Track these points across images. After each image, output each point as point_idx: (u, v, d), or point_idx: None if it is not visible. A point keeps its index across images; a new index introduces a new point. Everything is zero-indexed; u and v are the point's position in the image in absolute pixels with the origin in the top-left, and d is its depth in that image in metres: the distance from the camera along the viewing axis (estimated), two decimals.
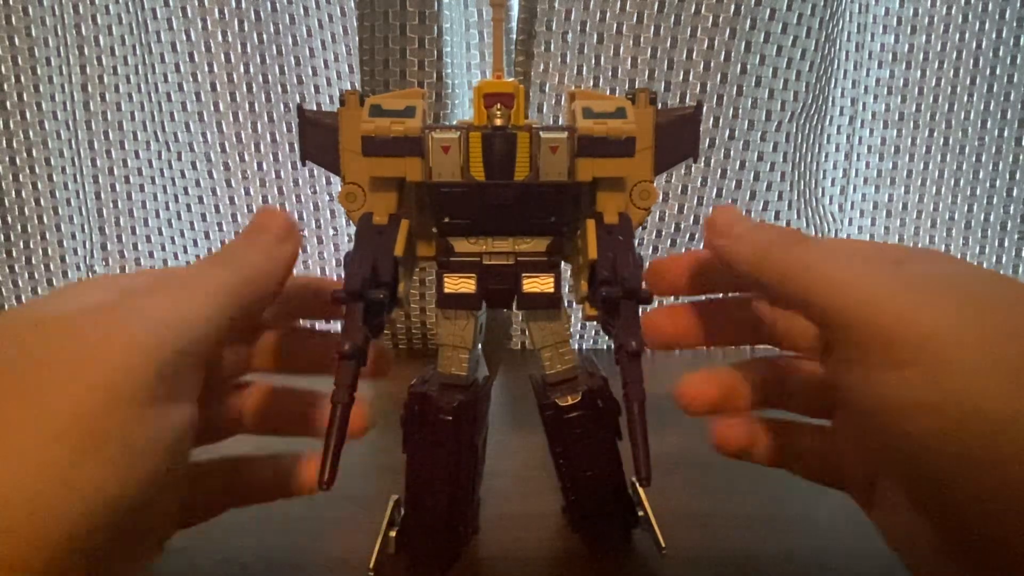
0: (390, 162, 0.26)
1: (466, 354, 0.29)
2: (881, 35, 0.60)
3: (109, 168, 0.61)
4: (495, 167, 0.27)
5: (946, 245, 0.63)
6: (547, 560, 0.32)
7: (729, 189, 0.56)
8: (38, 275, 0.62)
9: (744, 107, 0.54)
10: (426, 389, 0.29)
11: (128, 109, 0.60)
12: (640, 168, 0.28)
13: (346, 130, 0.27)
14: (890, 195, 0.63)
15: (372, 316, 0.24)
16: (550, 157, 0.26)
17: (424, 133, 0.26)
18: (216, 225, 0.59)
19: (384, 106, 0.27)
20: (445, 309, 0.29)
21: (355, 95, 0.27)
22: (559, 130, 0.27)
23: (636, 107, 0.27)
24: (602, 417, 0.30)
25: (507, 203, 0.27)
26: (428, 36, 0.52)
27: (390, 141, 0.26)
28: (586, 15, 0.53)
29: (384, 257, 0.26)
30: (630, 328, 0.23)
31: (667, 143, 0.28)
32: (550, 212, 0.28)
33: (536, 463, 0.38)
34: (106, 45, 0.59)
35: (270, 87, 0.56)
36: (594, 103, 0.27)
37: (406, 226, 0.27)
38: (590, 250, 0.26)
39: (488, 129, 0.27)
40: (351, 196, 0.28)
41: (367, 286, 0.24)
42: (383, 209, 0.28)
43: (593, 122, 0.26)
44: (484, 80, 0.27)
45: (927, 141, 0.61)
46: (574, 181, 0.27)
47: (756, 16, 0.52)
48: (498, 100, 0.27)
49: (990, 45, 0.59)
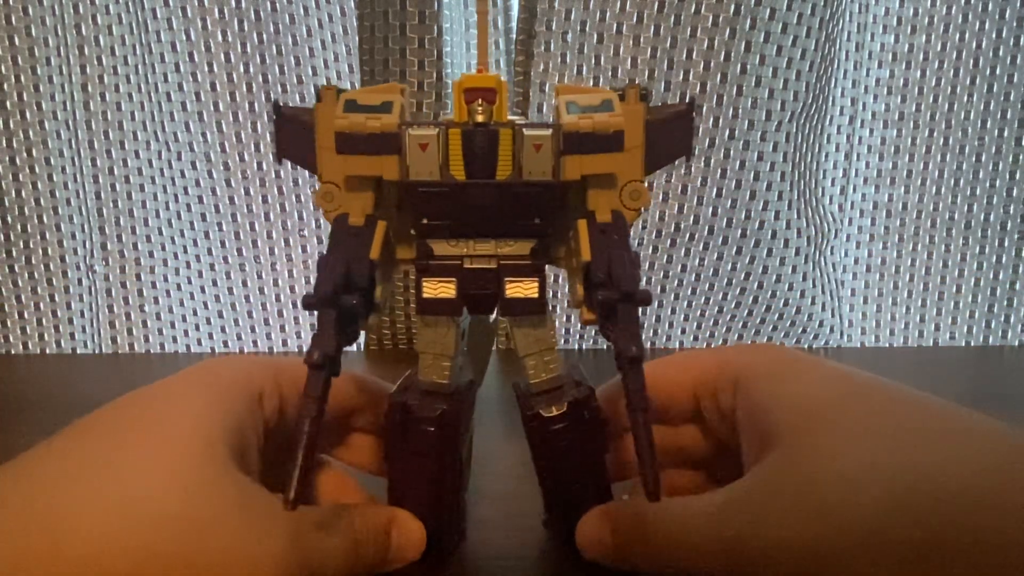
0: (365, 160, 0.25)
1: (448, 362, 0.28)
2: (881, 35, 0.60)
3: (109, 168, 0.61)
4: (476, 166, 0.25)
5: (946, 245, 0.63)
6: (536, 566, 0.31)
7: (729, 189, 0.56)
8: (38, 275, 0.62)
9: (744, 107, 0.54)
10: (407, 398, 0.28)
11: (128, 109, 0.60)
12: (630, 167, 0.27)
13: (322, 127, 0.26)
14: (890, 195, 0.63)
15: (346, 323, 0.23)
16: (533, 155, 0.25)
17: (401, 129, 0.25)
18: (216, 225, 0.59)
19: (360, 101, 0.26)
20: (424, 315, 0.28)
21: (332, 90, 0.26)
22: (543, 127, 0.25)
23: (626, 104, 0.26)
24: (588, 429, 0.29)
25: (489, 203, 0.26)
26: (428, 36, 0.52)
27: (365, 138, 0.25)
28: (586, 15, 0.53)
29: (359, 260, 0.24)
30: (629, 333, 0.22)
31: (659, 141, 0.27)
32: (534, 213, 0.26)
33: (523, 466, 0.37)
34: (106, 45, 0.59)
35: (270, 87, 0.56)
36: (579, 97, 0.26)
37: (383, 228, 0.26)
38: (583, 252, 0.25)
39: (469, 126, 0.25)
40: (328, 196, 0.27)
41: (340, 291, 0.23)
42: (359, 210, 0.26)
43: (578, 117, 0.25)
44: (465, 74, 0.26)
45: (927, 141, 0.61)
46: (559, 180, 0.26)
47: (756, 16, 0.52)
48: (479, 95, 0.25)
49: (990, 45, 0.59)
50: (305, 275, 0.61)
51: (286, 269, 0.61)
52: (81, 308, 0.63)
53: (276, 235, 0.60)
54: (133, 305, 0.64)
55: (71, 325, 0.63)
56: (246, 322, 0.62)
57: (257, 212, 0.59)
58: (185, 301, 0.63)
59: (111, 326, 0.64)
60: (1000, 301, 0.64)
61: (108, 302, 0.64)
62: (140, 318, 0.64)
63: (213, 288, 0.62)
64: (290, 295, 0.61)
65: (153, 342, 0.65)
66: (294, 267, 0.61)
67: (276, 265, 0.61)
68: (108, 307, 0.64)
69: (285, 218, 0.59)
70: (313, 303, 0.23)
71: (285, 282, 0.61)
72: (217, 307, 0.62)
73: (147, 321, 0.64)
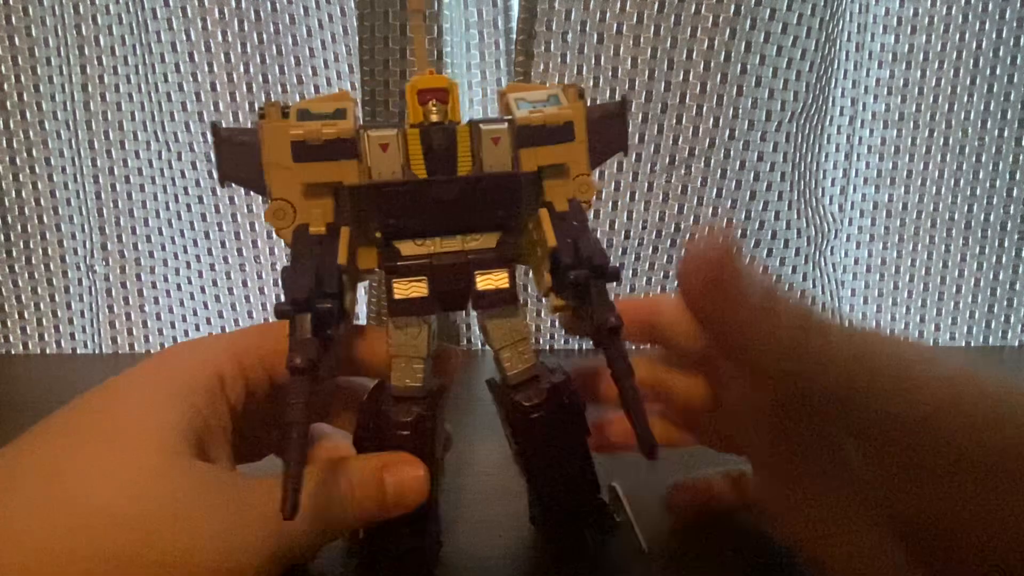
0: (324, 167, 0.25)
1: (421, 364, 0.28)
2: (881, 35, 0.60)
3: (109, 168, 0.61)
4: (436, 163, 0.26)
5: (946, 245, 0.63)
6: (518, 566, 0.31)
7: (729, 189, 0.56)
8: (38, 275, 0.62)
9: (744, 107, 0.54)
10: (379, 405, 0.28)
11: (128, 109, 0.60)
12: (578, 160, 0.28)
13: (270, 143, 0.26)
14: (890, 195, 0.63)
15: (320, 330, 0.23)
16: (492, 149, 0.26)
17: (359, 133, 0.25)
18: (216, 225, 0.59)
19: (312, 110, 0.26)
20: (396, 317, 0.27)
21: (275, 106, 0.26)
22: (499, 121, 0.26)
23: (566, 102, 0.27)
24: (569, 414, 0.28)
25: (453, 198, 0.26)
26: (428, 36, 0.52)
27: (321, 145, 0.25)
28: (586, 15, 0.53)
29: (327, 267, 0.24)
30: (604, 306, 0.23)
31: (599, 137, 0.28)
32: (497, 206, 0.27)
33: (497, 466, 0.37)
34: (106, 45, 0.59)
35: (270, 87, 0.56)
36: (527, 94, 0.28)
37: (347, 233, 0.26)
38: (548, 238, 0.25)
39: (425, 125, 0.26)
40: (279, 213, 0.26)
41: (312, 296, 0.23)
42: (319, 218, 0.26)
43: (529, 111, 0.26)
44: (416, 76, 0.26)
45: (927, 141, 0.61)
46: (519, 172, 0.26)
47: (756, 16, 0.52)
48: (432, 96, 0.26)
49: (990, 45, 0.59)
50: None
51: None
52: (81, 308, 0.63)
53: (276, 235, 0.60)
54: (133, 305, 0.64)
55: (71, 325, 0.63)
56: (246, 322, 0.62)
57: (257, 212, 0.59)
58: (185, 301, 0.63)
59: (111, 326, 0.64)
60: (1000, 301, 0.64)
61: (108, 302, 0.64)
62: (140, 318, 0.64)
63: (213, 288, 0.62)
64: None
65: (153, 342, 0.65)
66: None
67: (276, 265, 0.61)
68: (108, 307, 0.64)
69: None
70: (287, 309, 0.22)
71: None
72: (217, 307, 0.62)
73: (147, 321, 0.64)
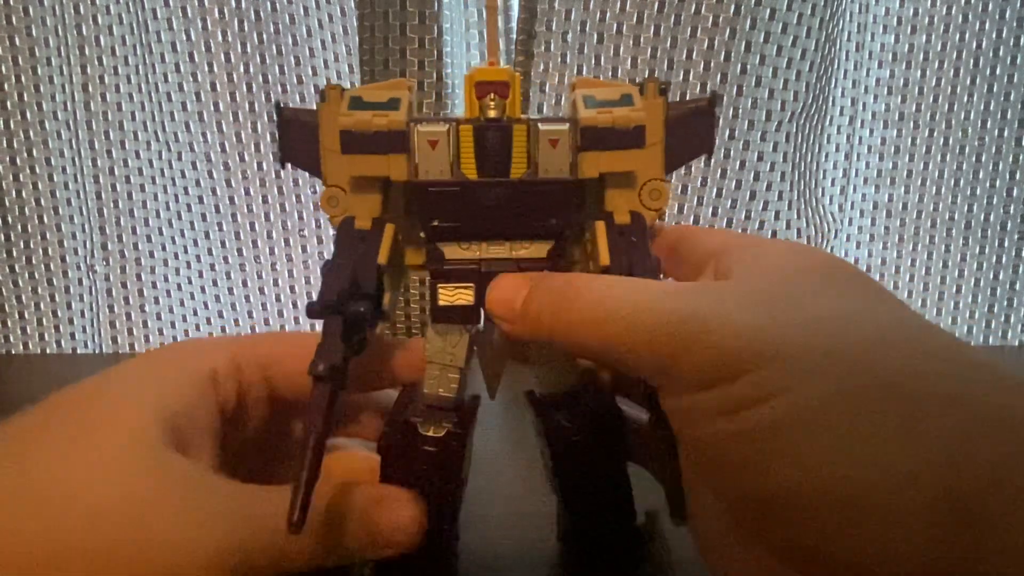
0: (372, 160, 0.24)
1: (457, 374, 0.26)
2: (881, 35, 0.60)
3: (109, 168, 0.61)
4: (489, 164, 0.24)
5: (946, 245, 0.63)
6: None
7: (729, 189, 0.56)
8: (38, 275, 0.62)
9: (744, 107, 0.54)
10: (409, 415, 0.26)
11: (128, 109, 0.60)
12: (650, 164, 0.25)
13: (327, 128, 0.25)
14: (890, 195, 0.63)
15: (352, 332, 0.22)
16: (550, 152, 0.24)
17: (410, 126, 0.24)
18: (216, 225, 0.59)
19: (365, 98, 0.24)
20: (437, 324, 0.26)
21: (336, 89, 0.25)
22: (559, 122, 0.24)
23: (645, 98, 0.25)
24: (610, 439, 0.27)
25: (503, 203, 0.24)
26: (428, 36, 0.52)
27: (371, 136, 0.23)
28: (586, 15, 0.53)
29: (366, 266, 0.23)
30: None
31: (679, 138, 0.25)
32: (551, 213, 0.25)
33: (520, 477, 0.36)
34: (107, 45, 0.59)
35: (270, 87, 0.56)
36: (597, 91, 0.25)
37: (392, 231, 0.25)
38: (601, 256, 0.24)
39: (480, 121, 0.24)
40: (332, 200, 0.25)
41: (346, 298, 0.22)
42: (366, 213, 0.25)
43: (597, 111, 0.24)
44: (477, 67, 0.24)
45: (927, 141, 0.61)
46: (577, 178, 0.24)
47: (756, 16, 0.52)
48: (492, 89, 0.24)
49: (990, 45, 0.59)
50: (305, 275, 0.61)
51: (286, 269, 0.61)
52: (81, 308, 0.63)
53: (276, 235, 0.60)
54: (133, 305, 0.64)
55: (71, 325, 0.63)
56: (246, 323, 0.62)
57: (257, 212, 0.59)
58: (185, 301, 0.63)
59: (111, 326, 0.64)
60: (1000, 301, 0.64)
61: (108, 302, 0.64)
62: (140, 318, 0.64)
63: (213, 288, 0.62)
64: (290, 295, 0.61)
65: (153, 342, 0.65)
66: (294, 267, 0.61)
67: (276, 265, 0.61)
68: (108, 307, 0.64)
69: (285, 218, 0.59)
70: (317, 311, 0.22)
71: (285, 282, 0.61)
72: (217, 307, 0.62)
73: (147, 321, 0.64)
